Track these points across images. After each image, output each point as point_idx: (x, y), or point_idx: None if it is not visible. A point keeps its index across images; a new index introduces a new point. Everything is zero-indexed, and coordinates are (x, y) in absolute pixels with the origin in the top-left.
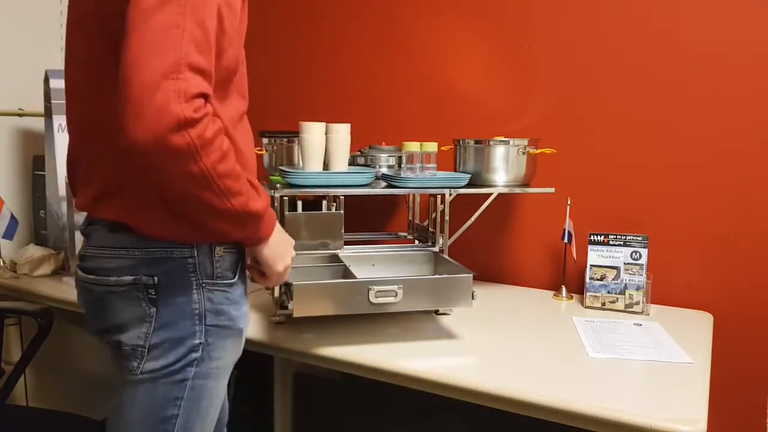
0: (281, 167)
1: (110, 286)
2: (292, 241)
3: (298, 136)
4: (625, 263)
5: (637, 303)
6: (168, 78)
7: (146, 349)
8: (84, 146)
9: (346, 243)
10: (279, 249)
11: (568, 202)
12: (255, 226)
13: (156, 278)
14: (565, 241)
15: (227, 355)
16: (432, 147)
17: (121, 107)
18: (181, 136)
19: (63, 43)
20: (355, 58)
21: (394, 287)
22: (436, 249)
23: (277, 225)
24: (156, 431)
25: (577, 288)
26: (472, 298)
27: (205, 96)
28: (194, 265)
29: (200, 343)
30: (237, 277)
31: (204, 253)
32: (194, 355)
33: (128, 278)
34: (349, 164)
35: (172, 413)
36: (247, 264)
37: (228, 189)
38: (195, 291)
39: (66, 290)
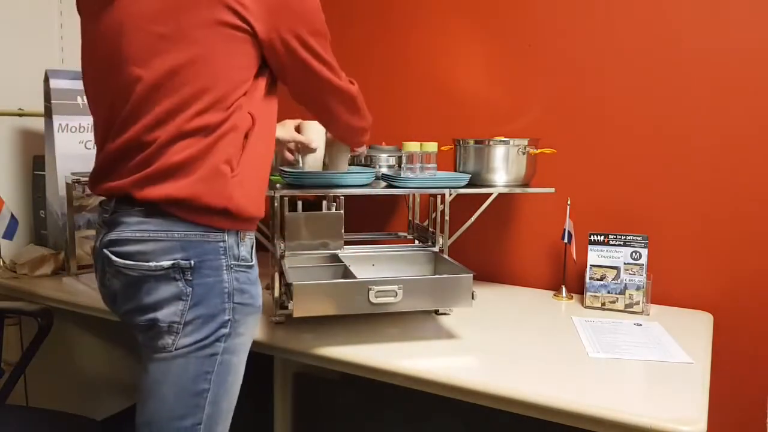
0: (281, 167)
1: (150, 270)
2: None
3: None
4: (625, 263)
5: (637, 303)
6: None
7: (181, 326)
8: (144, 136)
9: (346, 243)
10: None
11: (568, 202)
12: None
13: (192, 261)
14: (565, 241)
15: (249, 331)
16: (432, 147)
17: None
18: None
19: (63, 43)
20: (355, 58)
21: (394, 287)
22: (436, 249)
23: None
24: (189, 405)
25: (577, 288)
26: (472, 298)
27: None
28: (225, 248)
29: (229, 320)
30: (254, 260)
31: (232, 237)
32: (223, 330)
33: (167, 262)
34: (349, 164)
35: (203, 387)
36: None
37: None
38: (225, 271)
39: (66, 290)
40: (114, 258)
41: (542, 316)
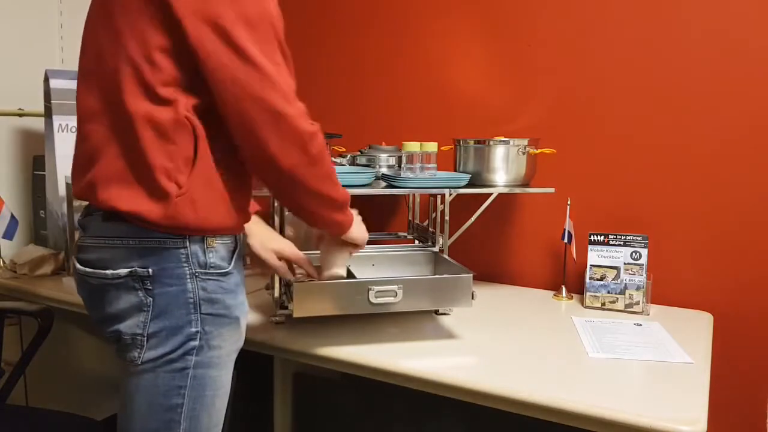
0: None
1: (108, 279)
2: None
3: None
4: (625, 263)
5: (637, 303)
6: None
7: (145, 338)
8: (86, 128)
9: None
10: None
11: (568, 202)
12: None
13: (150, 270)
14: (565, 241)
15: (227, 344)
16: (432, 147)
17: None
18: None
19: (63, 44)
20: (356, 58)
21: (394, 287)
22: (436, 249)
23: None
24: (163, 420)
25: (577, 288)
26: (472, 298)
27: None
28: (186, 255)
29: (197, 332)
30: (232, 267)
31: (196, 243)
32: (192, 343)
33: (124, 270)
34: (350, 164)
35: (176, 402)
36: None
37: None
38: (189, 280)
39: (66, 290)
40: (77, 265)
41: (542, 316)
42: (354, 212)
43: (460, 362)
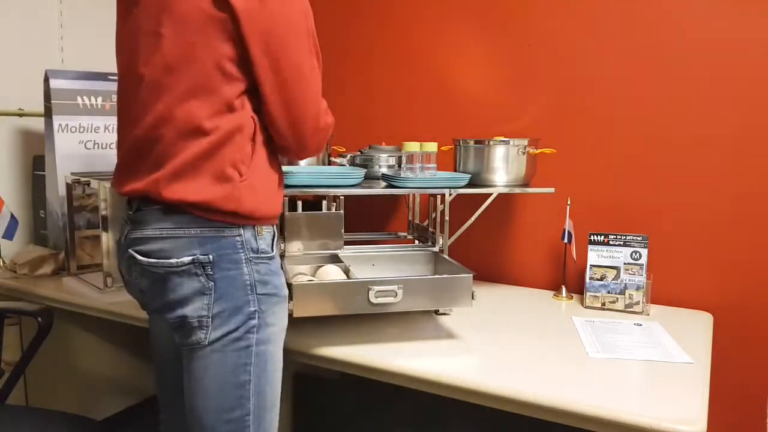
0: None
1: (172, 267)
2: None
3: None
4: (625, 263)
5: (637, 303)
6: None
7: (210, 319)
8: (151, 133)
9: (346, 243)
10: None
11: (568, 202)
12: None
13: (210, 256)
14: (565, 241)
15: (279, 321)
16: (432, 147)
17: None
18: None
19: (63, 43)
20: (356, 58)
21: (394, 287)
22: (436, 249)
23: None
24: (234, 396)
25: (577, 288)
26: (472, 298)
27: None
28: (241, 242)
29: (255, 311)
30: (274, 251)
31: (249, 231)
32: (252, 322)
33: (187, 258)
34: (350, 164)
35: (244, 379)
36: None
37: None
38: (245, 264)
39: (66, 290)
40: (138, 257)
41: (542, 316)
42: None
43: (460, 362)
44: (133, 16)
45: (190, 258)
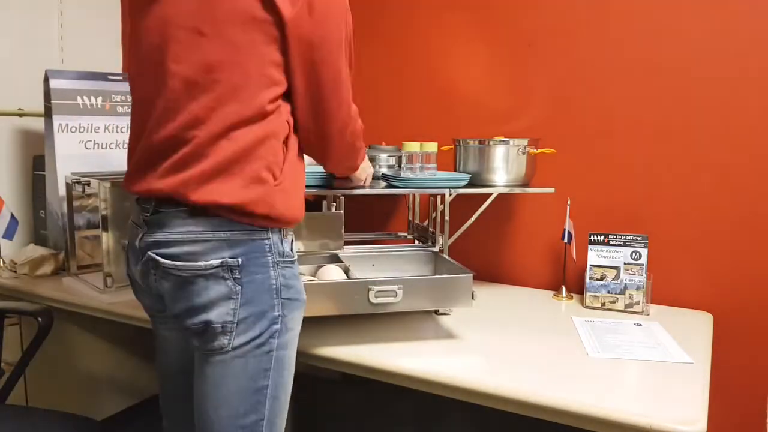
0: None
1: (200, 270)
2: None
3: None
4: (625, 263)
5: (637, 303)
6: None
7: (235, 324)
8: (182, 134)
9: (346, 243)
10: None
11: (568, 202)
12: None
13: (240, 260)
14: (565, 241)
15: (297, 326)
16: (432, 147)
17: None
18: None
19: (63, 44)
20: (356, 58)
21: (394, 287)
22: (436, 249)
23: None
24: (251, 402)
25: (577, 288)
26: (472, 298)
27: None
28: (270, 245)
29: (279, 315)
30: (295, 255)
31: (276, 234)
32: (275, 327)
33: (216, 261)
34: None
35: (263, 384)
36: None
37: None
38: (272, 268)
39: (66, 290)
40: (162, 260)
41: (542, 316)
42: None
43: (460, 362)
44: (159, 6)
45: (219, 261)
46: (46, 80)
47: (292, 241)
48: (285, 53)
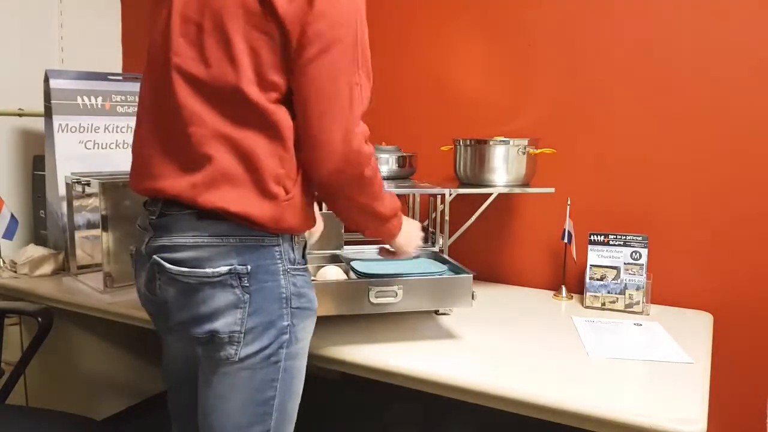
0: None
1: (206, 277)
2: (418, 225)
3: None
4: (625, 263)
5: (637, 303)
6: None
7: (242, 335)
8: (182, 129)
9: (346, 243)
10: (408, 237)
11: (568, 202)
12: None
13: (249, 267)
14: (565, 241)
15: (307, 335)
16: None
17: None
18: None
19: (63, 44)
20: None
21: (394, 287)
22: (436, 249)
23: (404, 218)
24: (257, 413)
25: (577, 288)
26: (472, 298)
27: None
28: (280, 252)
29: (288, 325)
30: (306, 262)
31: (287, 241)
32: (284, 337)
33: (224, 268)
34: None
35: (270, 395)
36: (383, 248)
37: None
38: (282, 276)
39: (66, 290)
40: (167, 265)
41: (542, 316)
42: (407, 222)
43: (460, 362)
44: (166, 4)
45: (227, 268)
46: (46, 80)
47: (304, 247)
48: (285, 53)
